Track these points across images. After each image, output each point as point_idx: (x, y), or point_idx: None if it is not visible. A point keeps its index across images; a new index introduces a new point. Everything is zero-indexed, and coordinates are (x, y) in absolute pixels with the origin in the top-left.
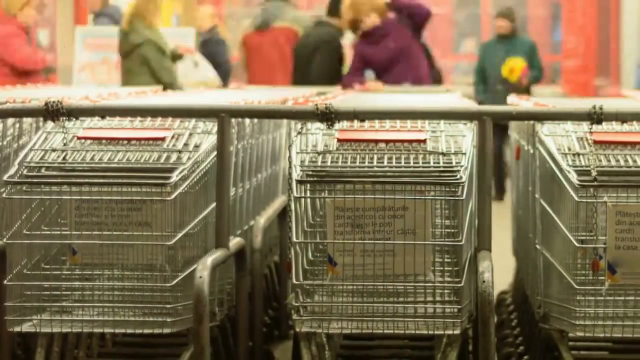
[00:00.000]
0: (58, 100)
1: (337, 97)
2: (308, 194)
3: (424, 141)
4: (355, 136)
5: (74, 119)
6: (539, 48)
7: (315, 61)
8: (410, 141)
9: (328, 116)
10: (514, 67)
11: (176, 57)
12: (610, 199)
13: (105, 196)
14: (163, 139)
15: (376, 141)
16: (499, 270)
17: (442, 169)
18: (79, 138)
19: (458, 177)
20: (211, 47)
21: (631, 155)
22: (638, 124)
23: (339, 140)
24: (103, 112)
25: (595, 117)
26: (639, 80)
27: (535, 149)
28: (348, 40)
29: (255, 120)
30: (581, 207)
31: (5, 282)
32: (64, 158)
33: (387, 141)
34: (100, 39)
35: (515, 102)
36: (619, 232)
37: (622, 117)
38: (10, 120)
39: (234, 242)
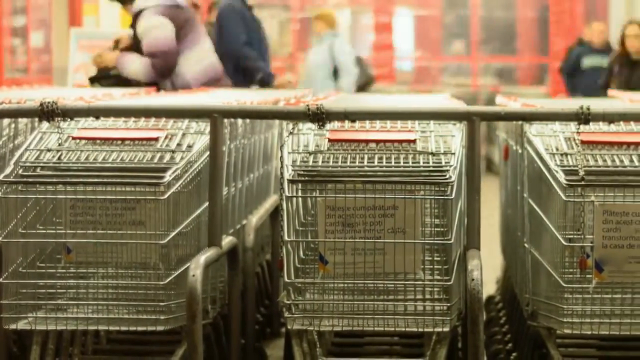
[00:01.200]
0: (53, 101)
1: (328, 98)
2: (299, 194)
3: (414, 141)
4: (346, 136)
5: (69, 120)
6: (528, 49)
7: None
8: (400, 141)
9: (319, 117)
10: None
11: None
12: (598, 198)
13: (100, 195)
14: (156, 139)
15: (366, 141)
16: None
17: (431, 168)
18: (73, 138)
19: (447, 176)
20: None
21: (618, 155)
22: (625, 124)
23: (330, 140)
24: (97, 113)
25: (583, 117)
26: None
27: (524, 149)
28: None
29: (248, 120)
30: (569, 206)
31: (0, 280)
32: (59, 158)
33: (377, 141)
34: (95, 41)
35: (504, 103)
36: (606, 230)
37: (609, 118)
38: (5, 121)
39: (227, 240)
